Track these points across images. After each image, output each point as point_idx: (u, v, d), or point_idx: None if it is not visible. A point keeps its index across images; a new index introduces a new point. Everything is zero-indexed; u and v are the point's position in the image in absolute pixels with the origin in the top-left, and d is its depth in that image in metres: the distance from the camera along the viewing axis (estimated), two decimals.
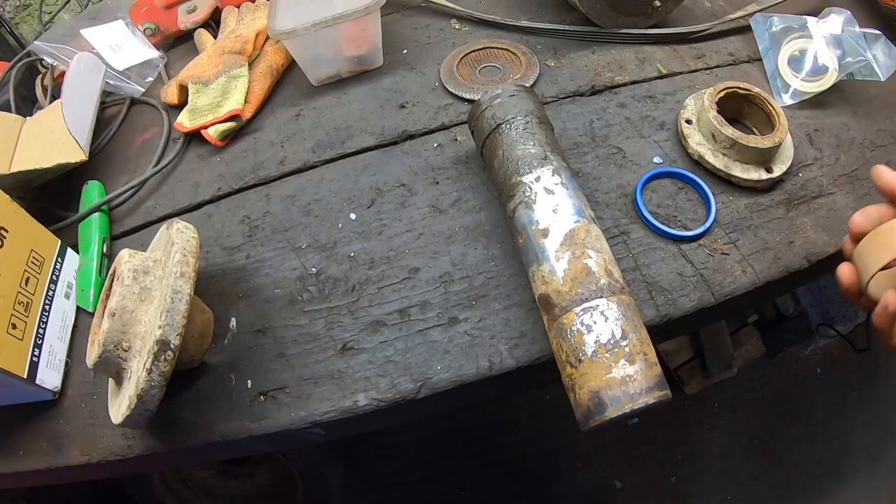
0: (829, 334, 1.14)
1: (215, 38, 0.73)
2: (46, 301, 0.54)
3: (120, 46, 0.77)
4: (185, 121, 0.63)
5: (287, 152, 0.60)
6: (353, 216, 0.53)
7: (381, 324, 0.48)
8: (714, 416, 1.18)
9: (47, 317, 0.54)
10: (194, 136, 0.64)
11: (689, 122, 0.56)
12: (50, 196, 0.65)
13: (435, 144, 0.56)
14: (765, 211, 0.52)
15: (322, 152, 0.58)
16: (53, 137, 0.63)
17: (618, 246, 0.49)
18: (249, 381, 0.48)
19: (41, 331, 0.53)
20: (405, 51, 0.67)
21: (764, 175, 0.52)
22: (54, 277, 0.56)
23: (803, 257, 0.49)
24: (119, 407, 0.45)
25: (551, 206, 0.43)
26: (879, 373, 1.21)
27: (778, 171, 0.53)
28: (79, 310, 0.57)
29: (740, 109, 0.58)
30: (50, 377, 0.52)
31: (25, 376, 0.49)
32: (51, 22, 0.97)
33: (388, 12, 0.74)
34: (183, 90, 0.65)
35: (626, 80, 0.62)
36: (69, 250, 0.59)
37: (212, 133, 0.61)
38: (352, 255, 0.51)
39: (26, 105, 0.75)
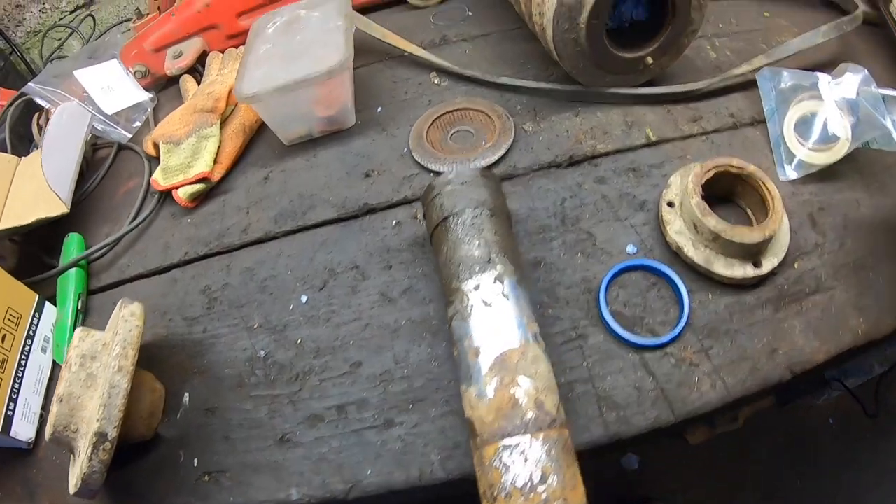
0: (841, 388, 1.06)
1: (199, 83, 0.73)
2: (23, 356, 0.56)
3: (112, 88, 0.78)
4: (159, 178, 0.63)
5: (252, 219, 0.59)
6: (304, 298, 0.52)
7: (319, 418, 0.47)
8: (717, 464, 1.13)
9: (23, 371, 0.56)
10: (169, 194, 0.64)
11: (671, 204, 0.51)
12: (38, 240, 0.67)
13: (394, 222, 0.55)
14: (748, 312, 0.47)
15: (284, 223, 0.58)
16: (34, 190, 0.65)
17: (572, 352, 0.46)
18: (196, 460, 0.49)
19: (17, 385, 0.55)
20: (379, 109, 0.65)
21: (750, 272, 0.47)
22: (31, 332, 0.58)
23: (786, 367, 0.45)
24: (72, 478, 0.47)
25: (487, 322, 0.41)
26: (894, 428, 1.12)
27: (768, 265, 0.48)
28: (55, 363, 0.59)
29: (733, 187, 0.52)
30: (24, 430, 0.54)
31: (0, 429, 0.51)
32: (59, 48, 0.99)
33: (369, 62, 0.72)
34: (157, 147, 0.66)
35: (609, 149, 0.58)
36: (47, 304, 0.60)
37: (181, 195, 0.61)
38: (299, 341, 0.51)
39: (23, 144, 0.78)
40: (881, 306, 0.47)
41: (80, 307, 0.60)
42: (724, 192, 0.52)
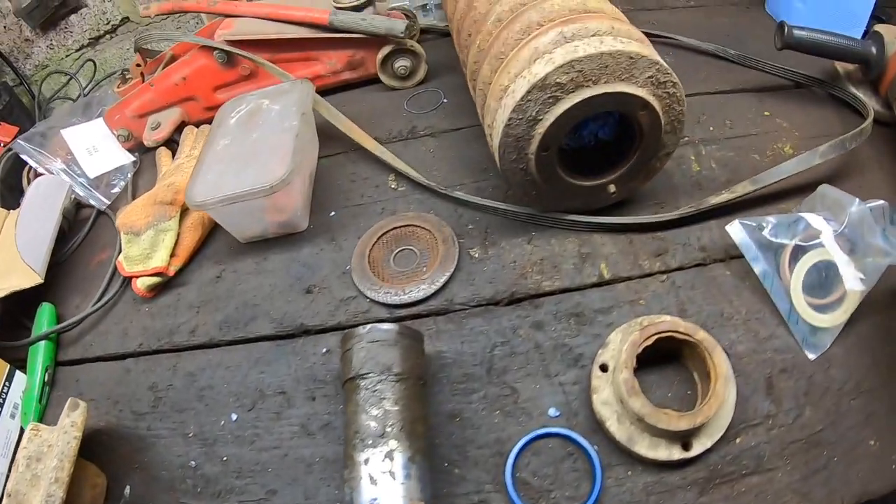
0: None
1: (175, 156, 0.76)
2: None
3: (97, 149, 0.81)
4: (123, 263, 0.67)
5: (200, 321, 0.62)
6: (234, 416, 0.56)
7: None
8: None
9: None
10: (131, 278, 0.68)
11: (604, 368, 0.49)
12: (16, 300, 0.72)
13: (324, 349, 0.57)
14: (668, 494, 0.45)
15: (227, 331, 0.61)
16: (9, 259, 0.69)
17: None
18: None
19: None
20: (333, 213, 0.66)
21: (676, 454, 0.45)
22: (1, 400, 0.63)
23: None
24: None
25: (370, 498, 0.43)
26: None
27: (699, 448, 0.45)
28: (23, 429, 0.65)
29: (680, 349, 0.49)
30: None
31: None
32: (61, 90, 1.02)
33: (334, 152, 0.73)
34: None
35: (556, 287, 0.56)
36: (17, 373, 0.66)
37: (140, 285, 0.65)
38: (225, 458, 0.54)
39: (13, 195, 0.82)
40: (829, 490, 0.44)
41: (46, 380, 0.65)
42: (671, 351, 0.50)
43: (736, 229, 0.54)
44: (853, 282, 0.49)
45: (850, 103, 0.71)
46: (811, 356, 0.50)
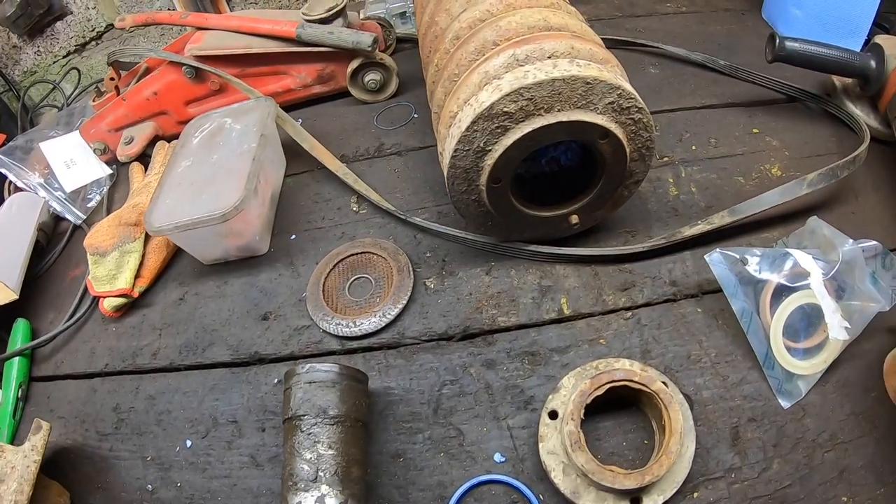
0: None
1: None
2: None
3: (74, 162, 0.82)
4: (92, 283, 0.67)
5: (162, 344, 0.63)
6: (188, 443, 0.56)
7: None
8: None
9: None
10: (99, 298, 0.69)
11: (553, 415, 0.47)
12: None
13: (276, 380, 0.57)
14: None
15: (186, 355, 0.61)
16: None
17: None
18: None
19: None
20: (293, 237, 0.66)
21: None
22: None
23: None
24: None
25: None
26: None
27: None
28: None
29: (637, 396, 0.47)
30: None
31: None
32: (45, 99, 1.03)
33: (300, 171, 0.72)
34: None
35: (511, 324, 0.55)
36: None
37: (106, 306, 0.65)
38: (179, 484, 0.55)
39: None
40: None
41: (20, 395, 0.67)
42: (627, 397, 0.48)
43: (716, 259, 0.51)
44: (838, 330, 0.46)
45: (845, 122, 0.66)
46: (785, 405, 0.47)
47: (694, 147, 0.68)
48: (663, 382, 0.46)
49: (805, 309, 0.48)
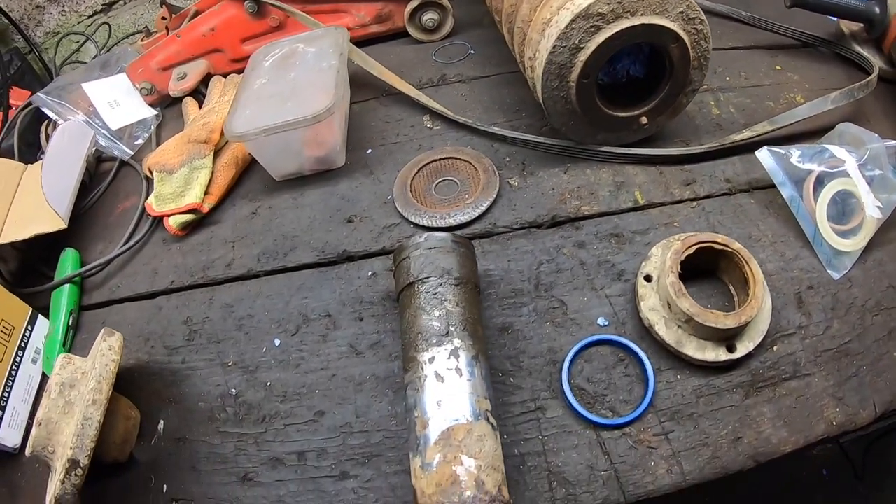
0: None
1: (201, 106, 0.75)
2: (14, 366, 0.59)
3: (118, 103, 0.80)
4: (153, 204, 0.65)
5: (236, 255, 0.61)
6: (277, 342, 0.54)
7: (280, 462, 0.49)
8: None
9: (13, 381, 0.59)
10: (161, 219, 0.66)
11: (648, 278, 0.51)
12: (38, 249, 0.70)
13: (370, 272, 0.56)
14: (716, 396, 0.46)
15: (266, 262, 0.59)
16: (34, 204, 0.67)
17: (529, 423, 0.47)
18: (165, 486, 0.51)
19: (6, 394, 0.58)
20: (370, 150, 0.66)
21: (723, 356, 0.46)
22: (23, 344, 0.61)
23: (749, 457, 0.44)
24: (49, 493, 0.50)
25: (437, 397, 0.42)
26: (885, 484, 1.11)
27: (742, 350, 0.47)
28: (44, 374, 0.62)
29: (717, 262, 0.51)
30: (11, 436, 0.57)
31: None
32: (75, 53, 1.01)
33: (366, 98, 0.73)
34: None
35: (594, 211, 0.58)
36: (40, 317, 0.63)
37: (172, 223, 0.63)
38: (269, 383, 0.53)
39: (31, 151, 0.81)
40: (861, 396, 0.46)
41: (70, 323, 0.63)
42: (707, 265, 0.51)
43: (764, 155, 0.56)
44: (872, 209, 0.51)
45: (855, 61, 0.74)
46: (835, 276, 0.52)
47: (728, 78, 0.74)
48: None
49: (842, 194, 0.54)
